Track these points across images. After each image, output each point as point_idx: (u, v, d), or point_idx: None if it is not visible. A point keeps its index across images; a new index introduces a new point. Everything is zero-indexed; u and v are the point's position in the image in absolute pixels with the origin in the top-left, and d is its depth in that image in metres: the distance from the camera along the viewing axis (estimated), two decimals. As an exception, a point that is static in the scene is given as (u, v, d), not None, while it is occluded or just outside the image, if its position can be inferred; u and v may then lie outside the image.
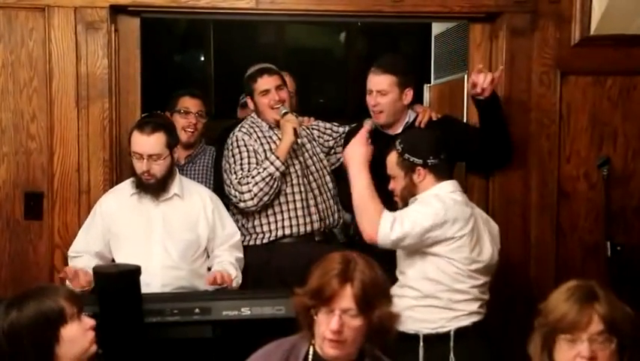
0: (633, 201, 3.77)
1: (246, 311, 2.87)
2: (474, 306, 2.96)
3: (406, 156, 3.01)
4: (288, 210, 3.59)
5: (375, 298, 2.14)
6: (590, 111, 3.75)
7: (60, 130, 3.54)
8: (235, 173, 3.51)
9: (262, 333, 2.56)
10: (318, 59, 7.26)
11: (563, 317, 2.05)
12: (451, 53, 4.52)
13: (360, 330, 2.13)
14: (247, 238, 3.58)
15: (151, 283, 3.03)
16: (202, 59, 7.59)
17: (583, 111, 3.75)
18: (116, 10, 3.60)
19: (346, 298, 2.12)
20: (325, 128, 3.89)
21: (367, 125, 3.51)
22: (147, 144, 3.20)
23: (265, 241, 3.58)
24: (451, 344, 2.91)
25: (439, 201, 2.93)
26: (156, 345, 2.79)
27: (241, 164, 3.53)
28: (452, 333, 2.91)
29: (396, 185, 3.06)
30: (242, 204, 3.48)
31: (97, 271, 2.79)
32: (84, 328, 2.21)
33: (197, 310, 2.86)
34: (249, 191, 3.46)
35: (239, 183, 3.48)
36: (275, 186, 3.50)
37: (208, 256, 3.36)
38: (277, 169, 3.48)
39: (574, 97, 3.74)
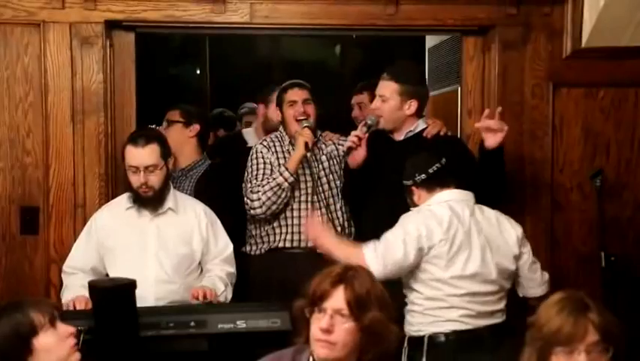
0: (626, 211, 3.80)
1: (241, 324, 2.86)
2: (453, 314, 2.94)
3: (403, 183, 3.11)
4: (292, 224, 3.66)
5: (368, 304, 2.16)
6: (583, 123, 3.79)
7: (56, 145, 3.56)
8: (250, 182, 3.64)
9: (257, 346, 2.57)
10: (314, 71, 7.29)
11: (559, 330, 2.04)
12: (445, 65, 4.55)
13: (351, 334, 2.14)
14: (253, 246, 3.70)
15: (145, 296, 3.01)
16: (198, 72, 7.62)
17: (575, 123, 3.79)
18: (110, 26, 3.62)
19: (338, 299, 2.15)
20: None
21: (363, 124, 3.44)
22: (142, 155, 3.20)
23: (267, 248, 3.68)
24: (424, 348, 2.93)
25: (411, 220, 2.99)
26: (152, 358, 2.79)
27: (256, 174, 3.66)
28: (426, 338, 2.94)
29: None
30: (252, 212, 3.62)
31: (92, 285, 2.78)
32: (61, 336, 2.18)
33: (192, 323, 2.84)
34: (259, 199, 3.58)
35: (251, 191, 3.61)
36: (283, 196, 3.59)
37: (202, 270, 3.35)
38: (286, 180, 3.58)
39: (566, 109, 3.77)
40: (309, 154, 3.64)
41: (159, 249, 3.23)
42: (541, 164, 3.75)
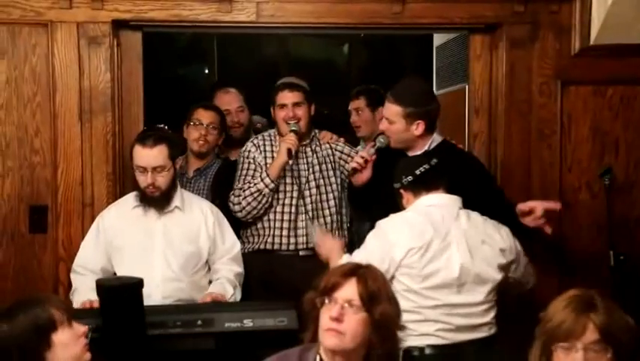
0: (636, 210, 3.78)
1: (248, 323, 2.87)
2: (428, 328, 2.83)
3: (393, 186, 3.05)
4: (274, 227, 3.67)
5: (379, 298, 2.19)
6: (591, 121, 3.77)
7: (63, 144, 3.57)
8: (236, 183, 3.67)
9: (264, 345, 2.58)
10: (322, 70, 7.29)
11: (560, 324, 2.06)
12: (453, 64, 4.55)
13: (361, 325, 2.15)
14: (245, 245, 3.70)
15: (152, 295, 3.03)
16: (206, 71, 7.63)
17: (584, 121, 3.77)
18: (118, 25, 3.63)
19: (350, 289, 2.18)
20: (348, 154, 3.84)
21: (372, 145, 3.41)
22: (150, 156, 3.21)
23: (251, 249, 3.70)
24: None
25: (379, 232, 2.93)
26: (159, 357, 2.80)
27: (241, 175, 3.69)
28: (401, 352, 2.74)
29: None
30: (234, 214, 3.62)
31: (100, 284, 2.79)
32: (76, 334, 2.22)
33: (199, 322, 2.86)
34: (239, 203, 3.62)
35: (232, 194, 3.64)
36: (264, 201, 3.61)
37: (209, 268, 3.36)
38: (266, 186, 3.59)
39: (574, 107, 3.76)
40: (290, 161, 3.61)
41: (166, 247, 3.25)
42: (549, 162, 3.73)
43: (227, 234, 3.40)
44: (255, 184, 3.60)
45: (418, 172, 2.97)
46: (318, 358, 2.23)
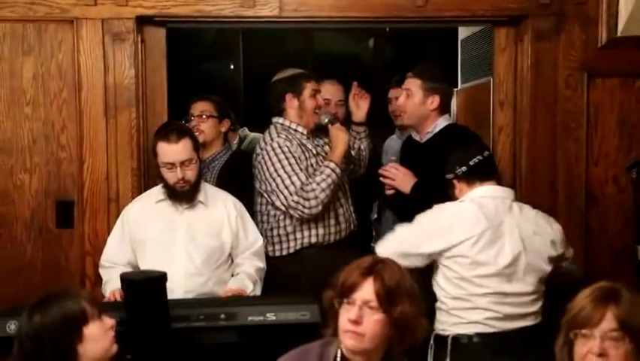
0: (663, 203, 3.72)
1: (271, 317, 2.88)
2: (477, 316, 2.90)
3: (445, 177, 3.11)
4: (317, 219, 3.60)
5: (397, 296, 2.16)
6: (618, 113, 3.72)
7: (89, 139, 3.60)
8: (290, 180, 3.50)
9: (287, 338, 2.58)
10: (347, 65, 7.28)
11: (579, 312, 2.06)
12: (478, 57, 4.51)
13: (380, 325, 2.14)
14: (276, 247, 3.61)
15: (174, 289, 3.03)
16: (231, 67, 7.65)
17: (611, 113, 3.72)
18: (142, 21, 3.65)
19: (367, 290, 2.16)
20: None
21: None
22: (177, 151, 3.21)
23: (294, 250, 3.61)
24: (448, 349, 2.90)
25: (431, 217, 3.00)
26: (183, 350, 2.82)
27: (294, 170, 3.52)
28: (450, 339, 2.91)
29: None
30: (306, 211, 3.48)
31: (124, 278, 2.82)
32: (105, 328, 2.26)
33: (222, 315, 2.87)
34: (316, 198, 3.48)
35: (302, 189, 3.48)
36: (333, 191, 3.56)
37: (232, 263, 3.37)
38: (337, 176, 3.54)
39: (601, 99, 3.71)
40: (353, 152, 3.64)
41: (188, 242, 3.26)
42: (575, 156, 3.69)
43: (250, 229, 3.40)
44: (328, 175, 3.50)
45: (472, 163, 3.05)
46: (339, 352, 2.23)
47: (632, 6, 3.51)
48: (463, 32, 4.80)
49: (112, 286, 3.17)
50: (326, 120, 3.68)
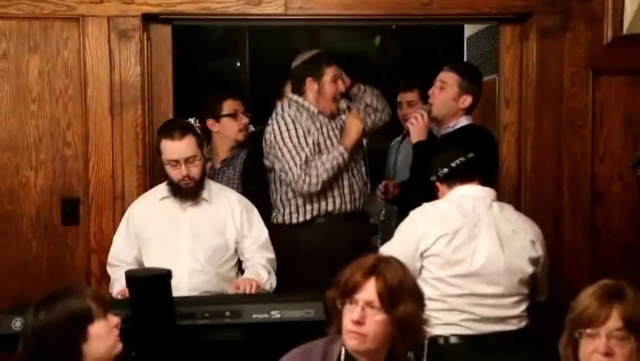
0: (669, 201, 3.72)
1: (275, 314, 2.88)
2: (453, 318, 2.86)
3: (430, 179, 3.10)
4: (325, 190, 3.65)
5: (400, 296, 2.16)
6: (624, 111, 3.71)
7: (95, 137, 3.60)
8: (296, 152, 3.59)
9: (291, 336, 2.59)
10: (353, 62, 7.26)
11: (584, 311, 2.06)
12: (484, 54, 4.51)
13: (382, 326, 2.14)
14: (293, 216, 3.70)
15: (178, 287, 3.03)
16: (238, 65, 7.65)
17: (616, 111, 3.71)
18: (147, 19, 3.65)
19: (369, 290, 2.16)
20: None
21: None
22: (181, 148, 3.21)
23: (301, 219, 3.70)
24: (425, 350, 2.85)
25: (410, 222, 3.00)
26: (187, 348, 2.83)
27: (300, 143, 3.61)
28: (426, 340, 2.76)
29: None
30: (305, 187, 3.58)
31: (129, 275, 2.83)
32: (110, 326, 2.27)
33: (227, 313, 2.87)
34: (317, 175, 3.58)
35: (306, 165, 3.58)
36: (337, 172, 3.63)
37: (238, 260, 3.37)
38: (344, 160, 3.63)
39: (606, 97, 3.70)
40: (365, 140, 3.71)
41: (192, 240, 3.26)
42: (581, 153, 3.68)
43: (254, 222, 3.39)
44: (334, 157, 3.59)
45: (453, 165, 3.02)
46: (343, 350, 2.23)
47: (637, 4, 3.50)
48: (469, 30, 4.81)
49: (119, 285, 3.17)
50: (344, 106, 3.71)
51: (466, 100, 3.54)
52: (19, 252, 3.64)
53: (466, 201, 2.96)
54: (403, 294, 2.17)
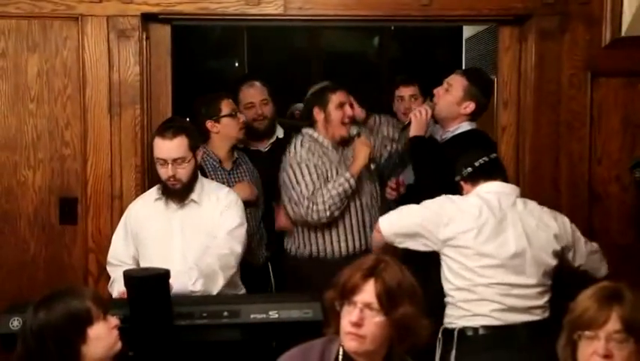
0: (667, 203, 3.73)
1: (273, 314, 2.88)
2: (483, 308, 2.91)
3: (455, 180, 3.14)
4: (345, 227, 3.70)
5: (398, 298, 2.16)
6: (622, 113, 3.72)
7: (93, 136, 3.60)
8: (306, 186, 3.63)
9: (290, 336, 2.59)
10: (352, 63, 7.28)
11: (583, 313, 2.06)
12: (482, 56, 4.52)
13: (381, 327, 2.15)
14: (303, 250, 3.76)
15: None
16: (236, 64, 7.66)
17: (614, 113, 3.72)
18: (147, 19, 3.66)
19: (368, 292, 2.16)
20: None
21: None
22: (170, 148, 3.20)
23: (316, 254, 3.74)
24: (454, 342, 2.91)
25: (438, 202, 3.04)
26: (186, 348, 2.83)
27: (311, 179, 3.64)
28: (456, 332, 2.93)
29: None
30: (314, 216, 3.62)
31: (127, 274, 2.82)
32: (109, 327, 2.27)
33: (225, 313, 2.87)
34: (324, 203, 3.59)
35: (313, 194, 3.60)
36: (345, 202, 3.64)
37: None
38: (351, 187, 3.62)
39: (605, 99, 3.71)
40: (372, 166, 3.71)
41: (183, 241, 3.24)
42: (579, 155, 3.69)
43: (232, 212, 3.28)
44: (340, 184, 3.60)
45: (477, 164, 3.08)
46: (341, 351, 2.23)
47: (636, 6, 3.51)
48: (468, 31, 4.81)
49: (120, 284, 3.15)
50: (354, 132, 3.73)
51: (469, 106, 3.48)
52: (17, 251, 3.65)
53: (492, 197, 3.02)
54: (401, 296, 2.18)
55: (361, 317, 2.14)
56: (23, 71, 3.61)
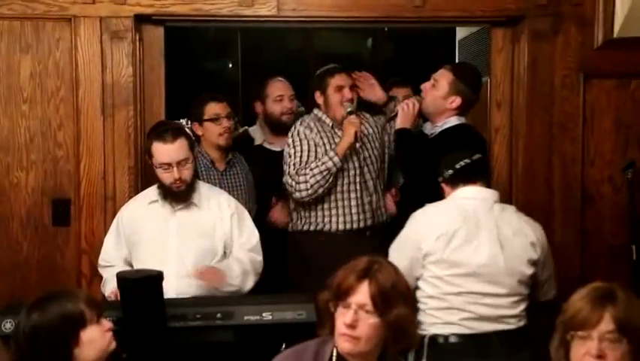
0: (659, 204, 3.74)
1: (267, 316, 2.89)
2: (453, 317, 2.86)
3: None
4: (344, 206, 3.71)
5: (393, 299, 2.17)
6: (615, 114, 3.74)
7: (86, 138, 3.60)
8: (294, 164, 3.68)
9: (283, 337, 2.59)
10: (346, 64, 7.26)
11: (576, 314, 2.06)
12: (475, 57, 4.52)
13: (375, 329, 2.15)
14: (303, 224, 3.77)
15: (166, 291, 2.96)
16: (230, 66, 7.65)
17: (607, 114, 3.74)
18: (140, 20, 3.65)
19: (363, 294, 2.16)
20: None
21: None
22: (173, 151, 3.18)
23: (316, 228, 3.74)
24: (425, 349, 2.87)
25: (411, 223, 3.02)
26: (179, 349, 2.82)
27: (300, 156, 3.68)
28: (427, 339, 2.88)
29: None
30: (297, 194, 3.65)
31: (120, 276, 2.82)
32: (102, 330, 2.27)
33: (219, 314, 2.87)
34: (306, 182, 3.62)
35: (296, 173, 3.65)
36: (330, 180, 3.64)
37: None
38: (335, 165, 3.63)
39: (597, 100, 3.73)
40: (358, 144, 3.67)
41: (180, 243, 3.23)
42: (572, 156, 3.70)
43: (245, 226, 3.36)
44: (323, 162, 3.61)
45: (457, 166, 3.03)
46: (334, 351, 2.24)
47: (628, 7, 3.52)
48: (461, 32, 4.82)
49: (111, 285, 3.16)
50: (345, 111, 3.71)
51: (455, 101, 3.46)
52: (10, 253, 3.63)
53: (467, 203, 2.97)
54: (395, 297, 2.18)
55: (356, 319, 2.14)
56: (16, 72, 3.60)
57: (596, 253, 3.74)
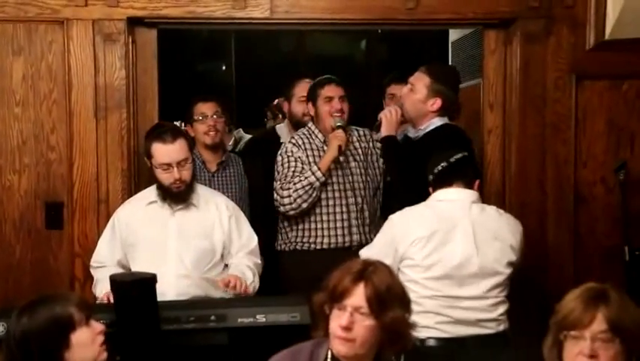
0: (651, 205, 3.75)
1: (261, 318, 2.88)
2: (428, 321, 2.84)
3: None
4: (329, 221, 3.70)
5: (388, 302, 2.16)
6: (607, 115, 3.75)
7: (79, 141, 3.59)
8: (280, 180, 3.69)
9: (277, 340, 2.59)
10: (339, 66, 7.29)
11: (569, 314, 2.07)
12: (468, 59, 4.53)
13: (371, 331, 2.14)
14: (287, 244, 3.77)
15: (166, 292, 3.00)
16: (223, 68, 7.66)
17: (599, 116, 3.75)
18: (133, 22, 3.65)
19: (358, 296, 2.15)
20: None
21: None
22: (173, 151, 3.19)
23: (299, 247, 3.74)
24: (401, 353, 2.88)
25: (387, 227, 3.04)
26: (173, 352, 2.81)
27: (286, 173, 3.68)
28: None
29: None
30: (281, 208, 3.67)
31: (113, 279, 2.81)
32: (93, 333, 2.25)
33: (213, 317, 2.86)
34: (289, 196, 3.63)
35: (281, 188, 3.66)
36: (314, 195, 3.63)
37: (225, 266, 3.34)
38: (317, 180, 3.62)
39: (590, 101, 3.74)
40: (341, 158, 3.67)
41: (179, 244, 3.23)
42: (564, 157, 3.72)
43: (243, 228, 3.38)
44: (306, 177, 3.61)
45: (435, 170, 3.02)
46: (329, 353, 2.23)
47: (619, 9, 3.53)
48: (454, 34, 4.82)
49: (103, 287, 3.15)
50: (335, 124, 3.68)
51: (436, 103, 3.40)
52: (3, 256, 3.63)
53: (444, 205, 2.96)
54: (391, 300, 2.17)
55: (351, 321, 2.13)
56: (8, 75, 3.60)
57: (588, 254, 3.75)
